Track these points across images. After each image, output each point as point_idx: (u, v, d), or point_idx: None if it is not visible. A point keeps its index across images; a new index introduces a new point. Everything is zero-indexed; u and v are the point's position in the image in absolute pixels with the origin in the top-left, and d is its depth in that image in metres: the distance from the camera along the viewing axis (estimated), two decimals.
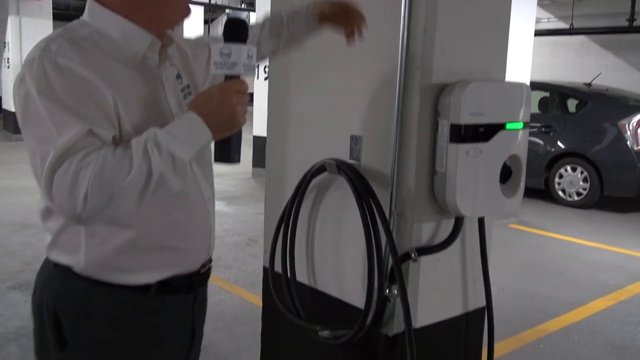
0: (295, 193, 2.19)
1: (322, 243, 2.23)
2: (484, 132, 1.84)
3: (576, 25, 9.97)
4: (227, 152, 1.26)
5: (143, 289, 1.33)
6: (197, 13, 17.59)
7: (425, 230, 1.94)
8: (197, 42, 1.59)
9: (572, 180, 7.58)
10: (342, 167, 1.99)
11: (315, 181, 2.16)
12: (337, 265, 2.16)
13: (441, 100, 1.84)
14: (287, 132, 2.36)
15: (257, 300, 4.38)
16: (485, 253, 2.06)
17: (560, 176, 7.68)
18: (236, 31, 1.22)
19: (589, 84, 8.18)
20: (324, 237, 2.21)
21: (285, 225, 2.22)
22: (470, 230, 2.05)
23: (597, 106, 7.53)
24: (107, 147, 1.13)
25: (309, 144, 2.26)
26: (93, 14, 1.28)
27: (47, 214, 1.32)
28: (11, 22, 11.65)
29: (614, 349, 3.52)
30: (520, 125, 1.94)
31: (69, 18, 16.14)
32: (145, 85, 1.28)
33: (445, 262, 2.01)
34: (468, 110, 1.79)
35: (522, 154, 1.98)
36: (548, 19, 11.33)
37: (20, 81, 1.17)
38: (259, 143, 8.70)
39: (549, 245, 5.66)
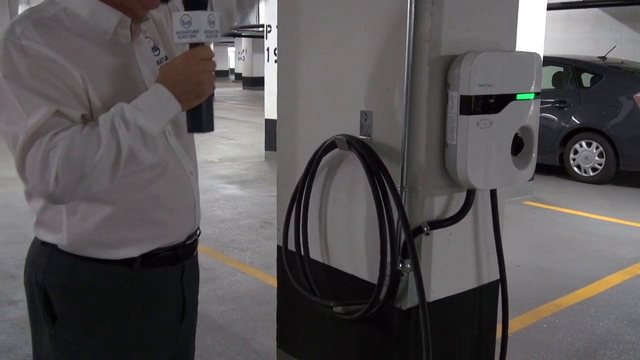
0: (307, 171, 2.19)
1: (334, 220, 2.23)
2: (494, 103, 1.82)
3: None
4: (199, 121, 1.25)
5: (127, 263, 1.34)
6: None
7: (437, 204, 1.94)
8: (162, 9, 1.57)
9: (587, 155, 7.51)
10: (352, 143, 1.99)
11: (326, 158, 2.16)
12: (350, 242, 2.16)
13: (450, 72, 1.82)
14: (296, 110, 2.36)
15: (273, 281, 4.40)
16: (498, 226, 2.05)
17: (575, 152, 7.60)
18: None
19: (604, 58, 8.06)
20: (336, 214, 2.21)
21: (297, 203, 2.23)
22: (483, 203, 2.04)
23: (612, 80, 7.42)
24: (76, 126, 1.14)
25: (319, 122, 2.26)
26: None
27: (28, 194, 1.34)
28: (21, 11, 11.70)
29: (631, 323, 3.50)
30: (531, 95, 1.92)
31: None
32: (117, 62, 1.27)
33: (457, 236, 2.00)
34: (478, 81, 1.77)
35: (534, 124, 1.96)
36: None
37: None
38: (271, 126, 8.70)
39: (564, 222, 5.63)
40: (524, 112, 1.91)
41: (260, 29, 14.66)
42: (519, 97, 1.88)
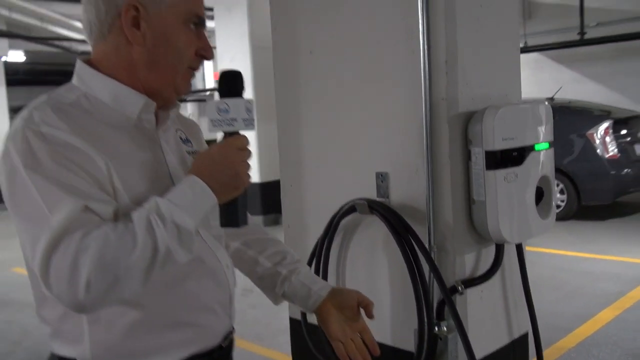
0: (324, 237, 2.12)
1: (354, 286, 2.16)
2: (517, 156, 1.83)
3: (530, 43, 10.28)
4: (234, 215, 1.14)
5: None
6: None
7: (468, 262, 1.90)
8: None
9: None
10: (374, 207, 1.95)
11: (341, 223, 2.11)
12: (374, 308, 2.09)
13: (471, 128, 1.82)
14: (303, 176, 2.31)
15: (269, 353, 4.25)
16: (526, 277, 2.03)
17: None
18: (232, 84, 1.13)
19: (552, 98, 8.39)
20: (356, 280, 2.15)
21: (315, 271, 2.15)
22: (507, 256, 2.02)
23: (564, 119, 7.71)
24: (107, 224, 1.02)
25: (329, 186, 2.21)
26: (82, 77, 1.18)
27: (41, 301, 1.17)
28: None
29: (636, 358, 3.51)
30: (547, 145, 1.94)
31: (20, 83, 15.69)
32: (142, 150, 1.17)
33: (488, 291, 1.97)
34: (501, 135, 1.78)
35: (551, 173, 1.97)
36: None
37: (4, 154, 1.07)
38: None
39: (540, 261, 5.68)
40: (542, 162, 1.92)
41: (207, 93, 14.67)
42: (536, 147, 1.89)
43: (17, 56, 14.19)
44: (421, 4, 1.81)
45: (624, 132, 7.50)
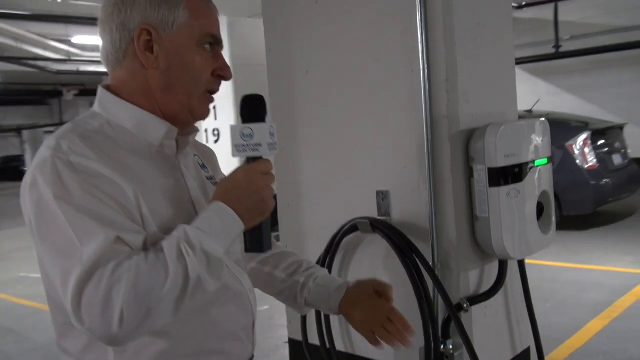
0: (325, 256, 2.11)
1: None
2: (519, 172, 1.84)
3: None
4: (259, 240, 1.13)
5: None
6: None
7: (472, 278, 1.91)
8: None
9: None
10: (377, 225, 1.94)
11: (342, 242, 2.10)
12: None
13: (473, 146, 1.84)
14: (301, 195, 2.30)
15: None
16: (529, 291, 2.04)
17: None
18: (255, 109, 1.12)
19: (530, 111, 8.51)
20: None
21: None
22: (509, 272, 2.03)
23: None
24: (138, 255, 1.00)
25: (328, 205, 2.21)
26: (104, 104, 1.17)
27: (64, 332, 1.14)
28: None
29: None
30: (545, 160, 1.96)
31: None
32: (165, 176, 1.16)
33: (492, 308, 1.97)
34: (503, 152, 1.79)
35: (550, 188, 1.99)
36: None
37: (31, 185, 1.04)
38: None
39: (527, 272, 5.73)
40: (542, 177, 1.94)
41: None
42: (536, 163, 1.91)
43: None
44: (420, 23, 1.83)
45: (601, 142, 7.63)
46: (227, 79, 1.19)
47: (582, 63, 10.57)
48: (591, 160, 7.34)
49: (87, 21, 12.65)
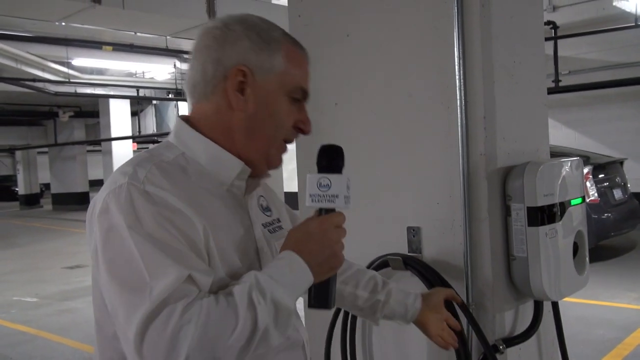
0: None
1: (381, 346, 2.09)
2: (557, 212, 1.81)
3: None
4: (325, 295, 1.08)
5: None
6: (124, 106, 17.45)
7: (507, 319, 1.86)
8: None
9: None
10: (409, 262, 1.90)
11: None
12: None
13: (511, 184, 1.81)
14: None
15: None
16: (562, 333, 1.99)
17: None
18: (334, 160, 1.11)
19: None
20: (385, 336, 2.08)
21: (342, 337, 2.06)
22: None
23: None
24: (208, 297, 0.96)
25: (357, 241, 2.15)
26: (180, 136, 1.14)
27: None
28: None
29: None
30: (580, 200, 1.93)
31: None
32: (234, 217, 1.13)
33: (526, 349, 1.92)
34: (543, 191, 1.76)
35: (584, 227, 1.96)
36: None
37: (103, 211, 1.00)
38: None
39: None
40: (578, 217, 1.91)
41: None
42: (572, 202, 1.88)
43: None
44: (458, 60, 1.81)
45: (602, 176, 7.67)
46: (306, 133, 1.18)
47: (581, 97, 10.69)
48: (593, 194, 7.36)
49: (87, 44, 12.75)
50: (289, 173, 8.97)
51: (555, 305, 1.96)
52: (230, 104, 1.10)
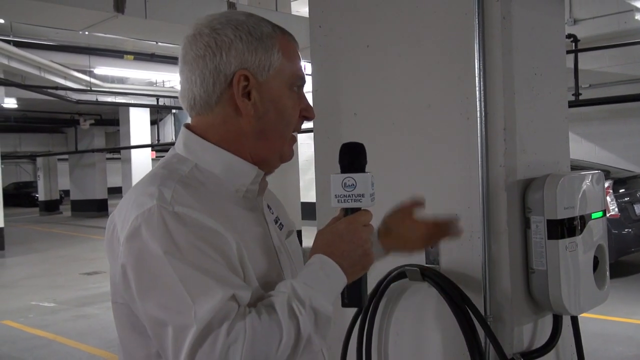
0: (369, 302, 2.05)
1: (399, 355, 2.08)
2: (577, 225, 1.79)
3: None
4: (358, 294, 1.07)
5: None
6: (144, 115, 17.63)
7: (525, 333, 1.84)
8: None
9: None
10: (427, 273, 1.90)
11: (388, 289, 2.05)
12: None
13: (531, 196, 1.80)
14: None
15: None
16: (582, 348, 1.97)
17: None
18: (356, 158, 1.08)
19: None
20: (402, 347, 2.07)
21: (359, 336, 2.06)
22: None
23: None
24: (251, 314, 0.95)
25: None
26: (191, 147, 1.11)
27: None
28: None
29: None
30: (600, 213, 1.91)
31: (11, 130, 15.65)
32: (255, 224, 1.11)
33: None
34: (563, 204, 1.75)
35: (605, 241, 1.94)
36: None
37: (133, 235, 0.98)
38: None
39: None
40: (599, 230, 1.89)
41: None
42: (593, 216, 1.87)
43: (10, 103, 14.18)
44: (479, 71, 1.81)
45: (622, 191, 7.56)
46: (310, 119, 1.16)
47: (602, 111, 10.58)
48: (613, 209, 7.26)
49: (109, 53, 12.94)
50: (306, 183, 8.99)
51: (574, 320, 1.94)
52: (238, 111, 1.08)
